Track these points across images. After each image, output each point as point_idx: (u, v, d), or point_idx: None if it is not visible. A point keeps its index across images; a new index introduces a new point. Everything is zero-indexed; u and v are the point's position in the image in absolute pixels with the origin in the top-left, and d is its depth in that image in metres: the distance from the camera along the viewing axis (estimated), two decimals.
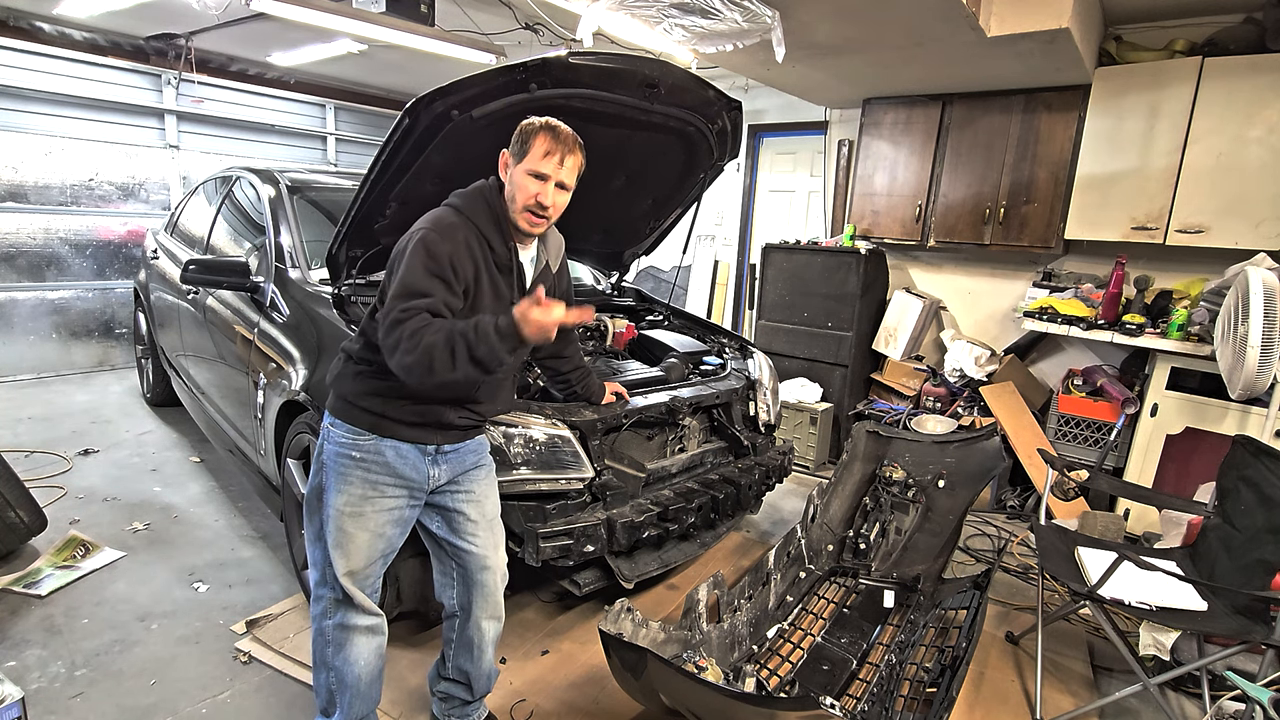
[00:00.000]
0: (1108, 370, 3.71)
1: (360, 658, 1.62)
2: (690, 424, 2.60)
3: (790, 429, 4.17)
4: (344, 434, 1.54)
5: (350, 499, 1.54)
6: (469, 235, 1.50)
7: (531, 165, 1.49)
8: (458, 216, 1.52)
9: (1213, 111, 3.21)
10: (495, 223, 1.54)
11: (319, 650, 1.62)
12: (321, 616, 1.60)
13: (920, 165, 4.11)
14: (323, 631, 1.60)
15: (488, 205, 1.54)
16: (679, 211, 3.02)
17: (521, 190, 1.51)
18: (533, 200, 1.51)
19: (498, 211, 1.54)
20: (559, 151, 1.50)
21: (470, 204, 1.55)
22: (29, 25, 4.62)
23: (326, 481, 1.56)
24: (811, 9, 2.74)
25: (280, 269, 2.60)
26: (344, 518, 1.54)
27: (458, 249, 1.47)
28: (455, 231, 1.49)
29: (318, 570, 1.60)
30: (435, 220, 1.51)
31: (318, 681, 1.64)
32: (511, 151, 1.53)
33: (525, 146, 1.50)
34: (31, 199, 4.78)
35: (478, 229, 1.52)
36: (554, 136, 1.51)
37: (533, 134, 1.50)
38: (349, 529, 1.55)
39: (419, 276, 1.41)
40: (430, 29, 3.16)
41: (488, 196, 1.56)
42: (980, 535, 3.37)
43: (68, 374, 5.12)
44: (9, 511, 2.49)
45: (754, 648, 2.21)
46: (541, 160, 1.49)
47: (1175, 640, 2.12)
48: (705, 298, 5.80)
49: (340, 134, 6.40)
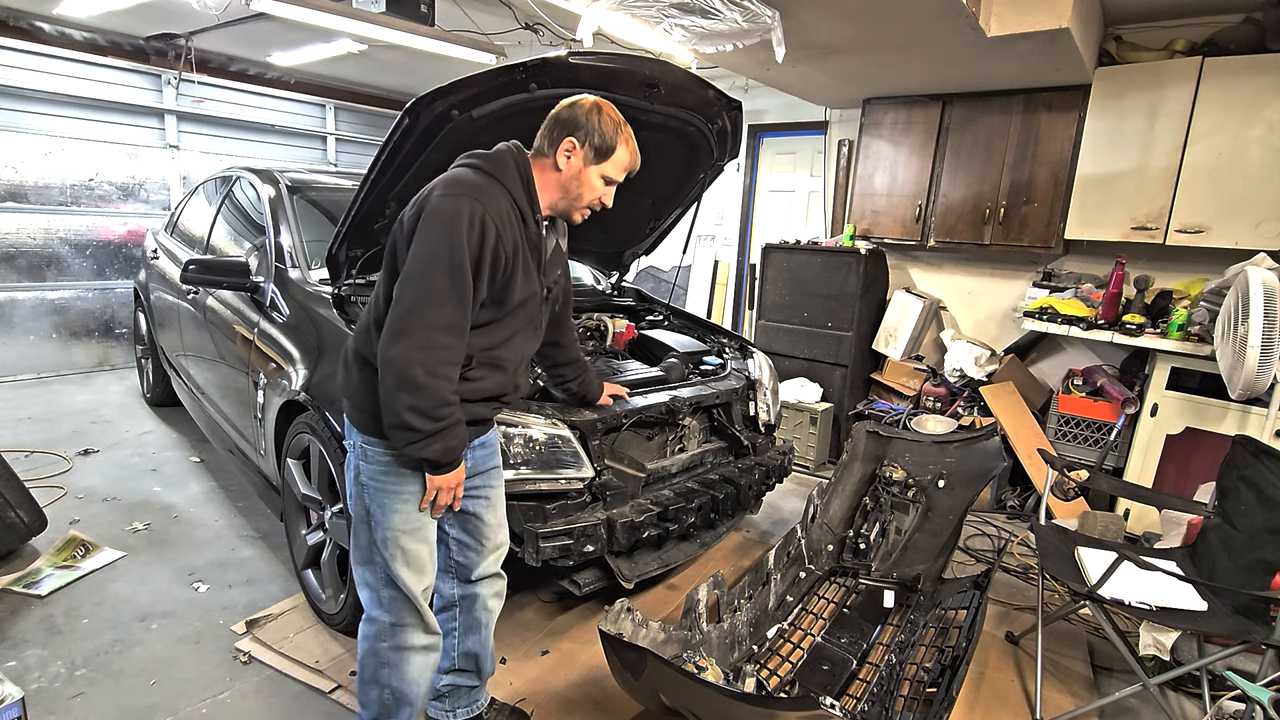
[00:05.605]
0: (1108, 370, 3.71)
1: (420, 677, 1.58)
2: (690, 424, 2.60)
3: (790, 429, 4.17)
4: (384, 451, 1.45)
5: (405, 516, 1.48)
6: (509, 207, 1.39)
7: (611, 172, 1.48)
8: (491, 182, 1.39)
9: (1213, 111, 3.21)
10: (528, 194, 1.44)
11: (372, 670, 1.56)
12: (375, 639, 1.54)
13: (920, 165, 4.11)
14: (377, 653, 1.54)
15: (519, 172, 1.43)
16: (679, 211, 3.02)
17: (589, 189, 1.47)
18: (598, 202, 1.49)
19: (530, 182, 1.45)
20: (633, 166, 1.52)
21: (500, 169, 1.42)
22: (29, 25, 4.62)
23: (372, 504, 1.48)
24: (811, 9, 2.74)
25: (280, 269, 2.60)
26: (403, 536, 1.48)
27: (504, 221, 1.36)
28: (497, 200, 1.37)
29: (371, 592, 1.53)
30: (470, 184, 1.36)
31: (367, 696, 1.59)
32: (584, 143, 1.44)
33: (608, 148, 1.45)
34: (31, 199, 4.79)
35: (513, 199, 1.41)
36: (633, 150, 1.50)
37: (617, 139, 1.46)
38: (412, 546, 1.49)
39: (443, 277, 1.31)
40: (430, 29, 3.16)
41: (519, 163, 1.44)
42: (980, 535, 3.37)
43: (68, 374, 5.12)
44: (9, 511, 2.49)
45: (754, 648, 2.21)
46: (621, 171, 1.49)
47: (1175, 640, 2.12)
48: (705, 298, 5.80)
49: (340, 134, 6.40)
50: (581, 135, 1.44)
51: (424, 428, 1.34)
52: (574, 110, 1.45)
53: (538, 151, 1.49)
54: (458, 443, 1.41)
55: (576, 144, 1.44)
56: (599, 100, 1.48)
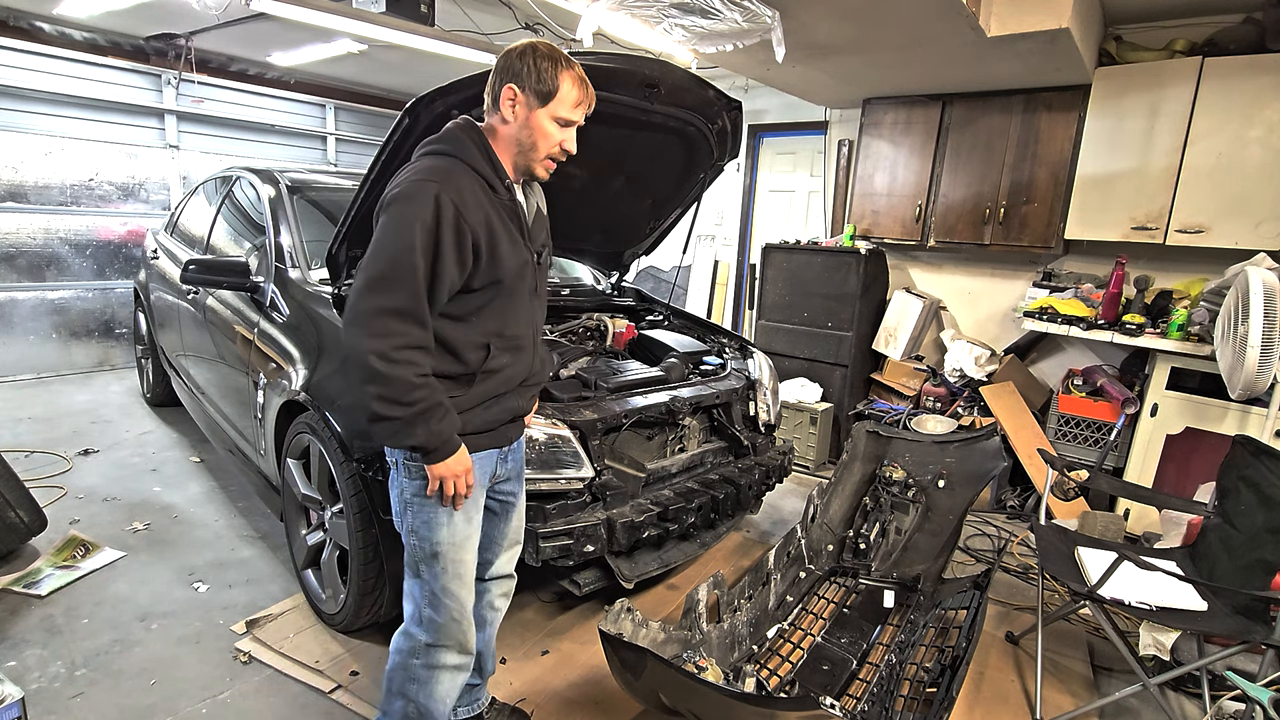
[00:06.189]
0: (1108, 370, 3.71)
1: (448, 695, 1.56)
2: (690, 424, 2.60)
3: (790, 429, 4.17)
4: (424, 464, 1.40)
5: (457, 530, 1.45)
6: (473, 182, 1.35)
7: (562, 112, 1.37)
8: (449, 161, 1.35)
9: (1213, 111, 3.21)
10: (490, 162, 1.39)
11: (400, 683, 1.53)
12: (409, 654, 1.51)
13: (920, 165, 4.11)
14: (408, 668, 1.52)
15: (475, 144, 1.38)
16: (679, 211, 3.02)
17: (544, 137, 1.38)
18: (558, 149, 1.40)
19: (488, 150, 1.39)
20: (587, 101, 1.40)
21: (455, 145, 1.38)
22: (29, 25, 4.62)
23: (416, 519, 1.44)
24: (811, 9, 2.74)
25: (280, 269, 2.60)
26: (452, 549, 1.45)
27: (465, 197, 1.31)
28: (456, 178, 1.32)
29: (414, 607, 1.50)
30: (424, 169, 1.33)
31: (390, 705, 1.56)
32: (525, 88, 1.35)
33: (549, 88, 1.35)
34: (31, 199, 4.78)
35: (476, 172, 1.36)
36: (583, 84, 1.38)
37: (558, 75, 1.35)
38: (465, 558, 1.48)
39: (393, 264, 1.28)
40: (430, 29, 3.16)
41: (472, 136, 1.39)
42: (980, 535, 3.37)
43: (68, 374, 5.12)
44: (9, 511, 2.48)
45: (754, 648, 2.21)
46: (574, 109, 1.38)
47: (1175, 640, 2.12)
48: (705, 298, 5.80)
49: (340, 134, 6.40)
50: (519, 80, 1.35)
51: (397, 415, 1.30)
52: (508, 58, 1.37)
53: (488, 114, 1.42)
54: (443, 426, 1.34)
55: (516, 89, 1.35)
56: (533, 40, 1.39)
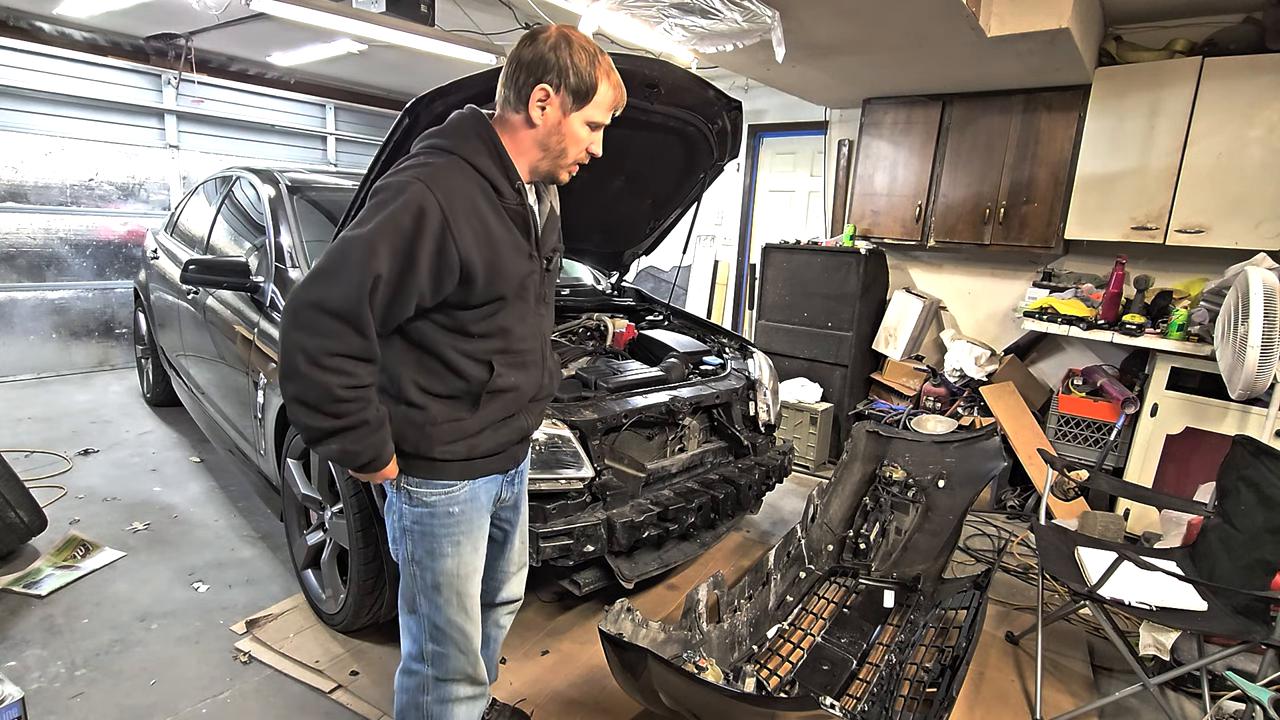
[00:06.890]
0: (1108, 370, 3.71)
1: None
2: (690, 424, 2.60)
3: (790, 429, 4.17)
4: (431, 492, 1.31)
5: (461, 560, 1.36)
6: (472, 184, 1.21)
7: (596, 115, 1.25)
8: (447, 158, 1.21)
9: (1213, 111, 3.21)
10: (499, 161, 1.24)
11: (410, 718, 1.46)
12: (418, 691, 1.42)
13: (920, 165, 4.11)
14: (420, 706, 1.43)
15: (482, 140, 1.24)
16: (679, 211, 3.02)
17: (574, 141, 1.26)
18: (585, 154, 1.29)
19: (497, 147, 1.24)
20: (620, 103, 1.29)
21: (459, 141, 1.23)
22: (29, 25, 4.62)
23: (418, 548, 1.34)
24: (811, 9, 2.74)
25: (280, 269, 2.60)
26: (458, 580, 1.36)
27: (458, 201, 1.17)
28: (452, 178, 1.18)
29: (414, 643, 1.41)
30: (416, 166, 1.18)
31: None
32: (559, 88, 1.21)
33: (588, 87, 1.22)
34: (31, 199, 4.78)
35: (479, 172, 1.22)
36: (619, 85, 1.27)
37: (596, 73, 1.22)
38: (470, 590, 1.39)
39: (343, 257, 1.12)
40: (430, 29, 3.16)
41: (479, 130, 1.24)
42: (980, 535, 3.37)
43: (68, 374, 5.12)
44: (9, 511, 2.49)
45: (754, 648, 2.21)
46: (608, 111, 1.27)
47: (1175, 640, 2.12)
48: (705, 298, 5.80)
49: (340, 134, 6.40)
50: (554, 78, 1.20)
51: (315, 424, 1.15)
52: (538, 48, 1.20)
53: (504, 107, 1.27)
54: (361, 447, 1.19)
55: (550, 90, 1.21)
56: (565, 29, 1.23)
